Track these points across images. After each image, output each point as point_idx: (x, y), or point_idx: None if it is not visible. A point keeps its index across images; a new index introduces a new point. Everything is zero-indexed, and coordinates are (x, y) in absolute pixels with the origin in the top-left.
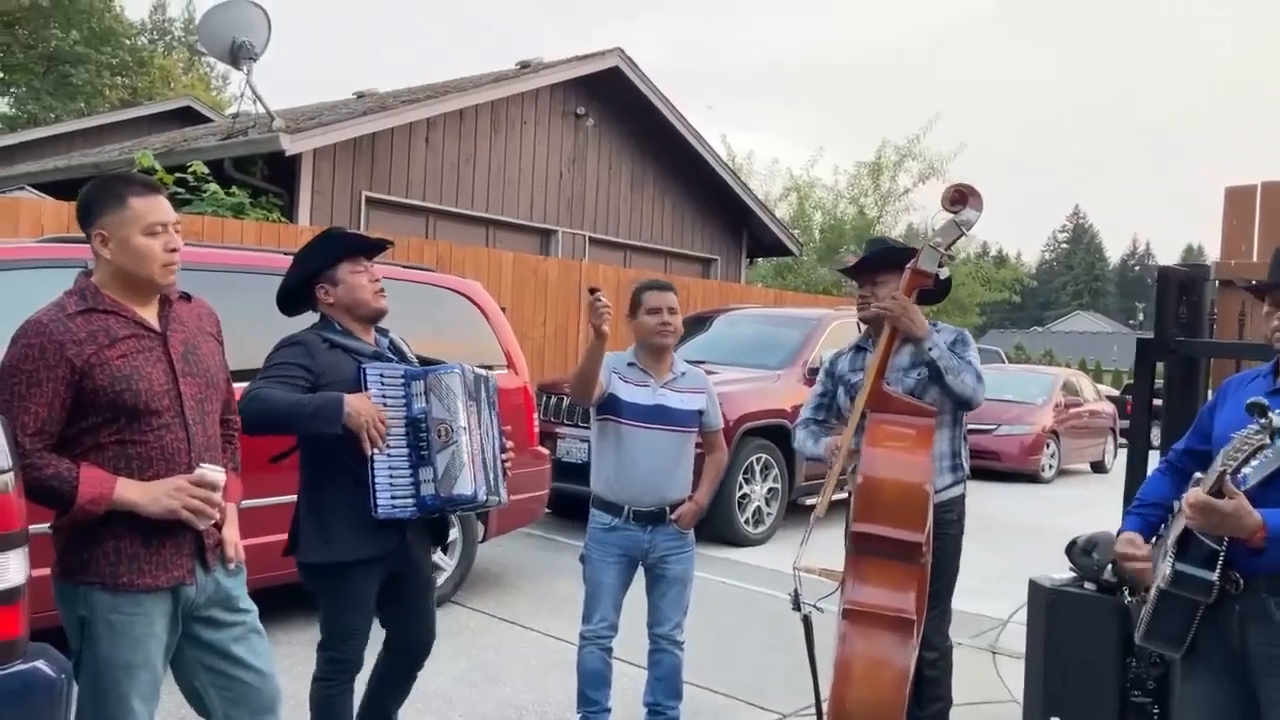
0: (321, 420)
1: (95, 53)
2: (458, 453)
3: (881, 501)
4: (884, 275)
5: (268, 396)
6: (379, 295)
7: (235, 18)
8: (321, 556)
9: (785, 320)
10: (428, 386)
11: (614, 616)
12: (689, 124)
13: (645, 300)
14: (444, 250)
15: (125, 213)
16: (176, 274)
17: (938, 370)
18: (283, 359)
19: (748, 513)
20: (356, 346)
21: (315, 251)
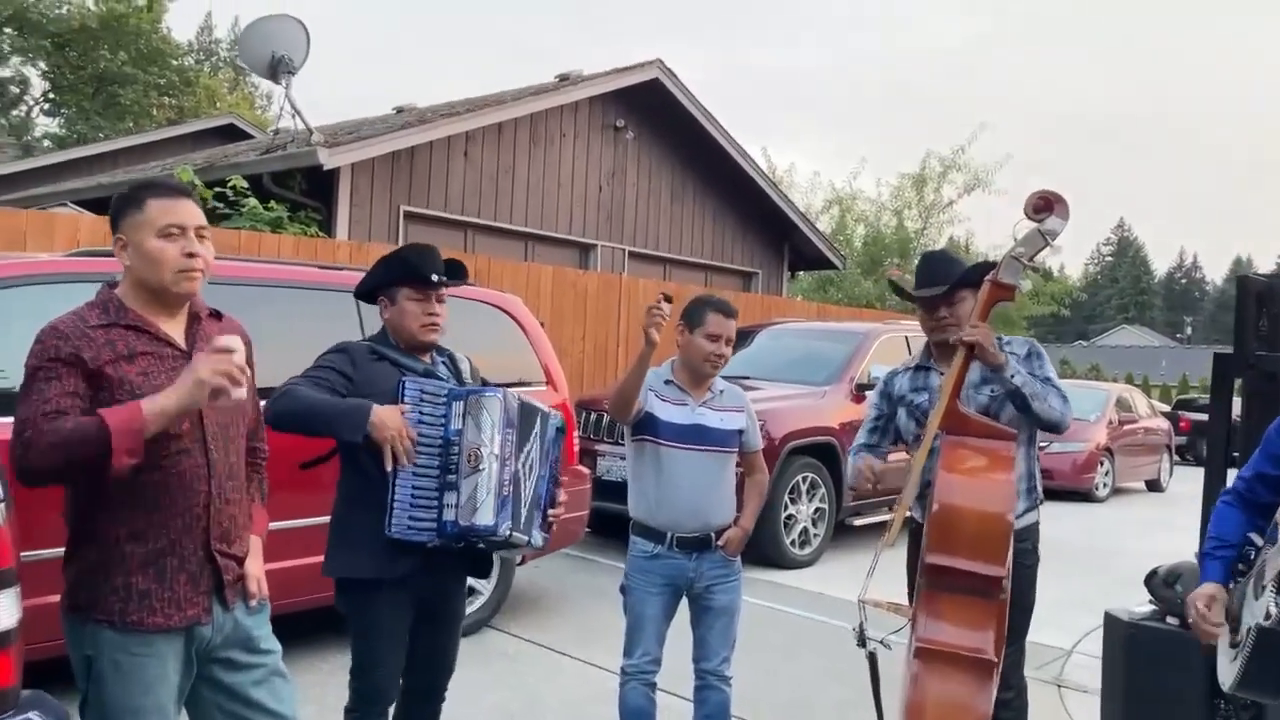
0: (345, 425)
1: (143, 73)
2: (483, 480)
3: (960, 532)
4: (964, 292)
5: (297, 393)
6: (427, 329)
7: (275, 33)
8: (339, 571)
9: (831, 335)
10: (467, 408)
11: (657, 650)
12: (729, 136)
13: (708, 322)
14: (482, 264)
15: (141, 215)
16: (198, 283)
17: (1022, 398)
18: (325, 362)
19: (793, 534)
20: (405, 362)
21: (384, 266)
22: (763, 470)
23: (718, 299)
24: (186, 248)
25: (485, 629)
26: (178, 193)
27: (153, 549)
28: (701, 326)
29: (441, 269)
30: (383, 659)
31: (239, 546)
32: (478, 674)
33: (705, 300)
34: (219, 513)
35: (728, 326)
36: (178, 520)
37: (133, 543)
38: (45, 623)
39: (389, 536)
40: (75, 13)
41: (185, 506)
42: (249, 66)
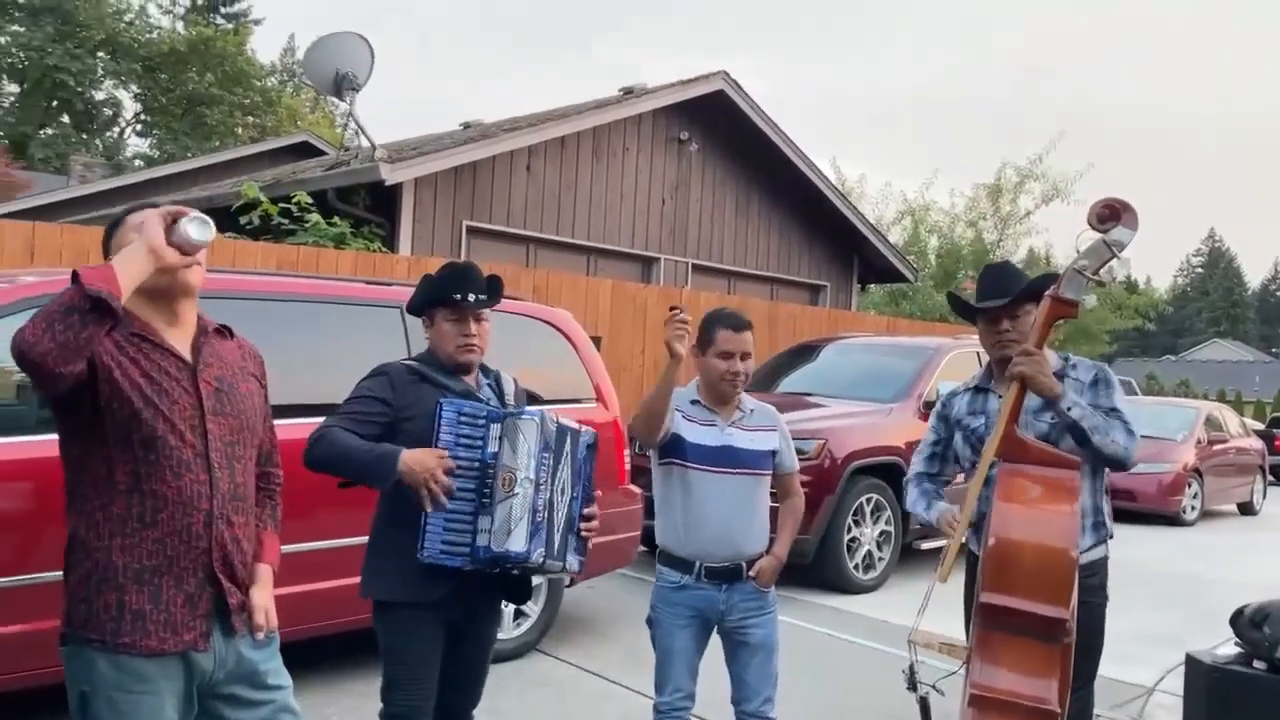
0: (375, 474)
1: (228, 94)
2: (517, 505)
3: (1018, 569)
4: (1026, 306)
5: (332, 439)
6: (463, 350)
7: (339, 49)
8: (374, 593)
9: (899, 350)
10: (504, 431)
11: (690, 685)
12: (796, 147)
13: (718, 340)
14: (540, 278)
15: (122, 228)
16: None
17: (1081, 432)
18: (363, 391)
19: (857, 557)
20: (446, 383)
21: (423, 286)
22: (798, 494)
23: (727, 313)
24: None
25: (533, 652)
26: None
27: (148, 566)
28: (713, 345)
29: (480, 288)
30: (414, 680)
31: (244, 572)
32: (520, 700)
33: (714, 317)
34: (221, 534)
35: (740, 341)
36: (175, 538)
37: (127, 559)
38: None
39: (420, 560)
40: (165, 37)
41: (184, 524)
42: (314, 83)
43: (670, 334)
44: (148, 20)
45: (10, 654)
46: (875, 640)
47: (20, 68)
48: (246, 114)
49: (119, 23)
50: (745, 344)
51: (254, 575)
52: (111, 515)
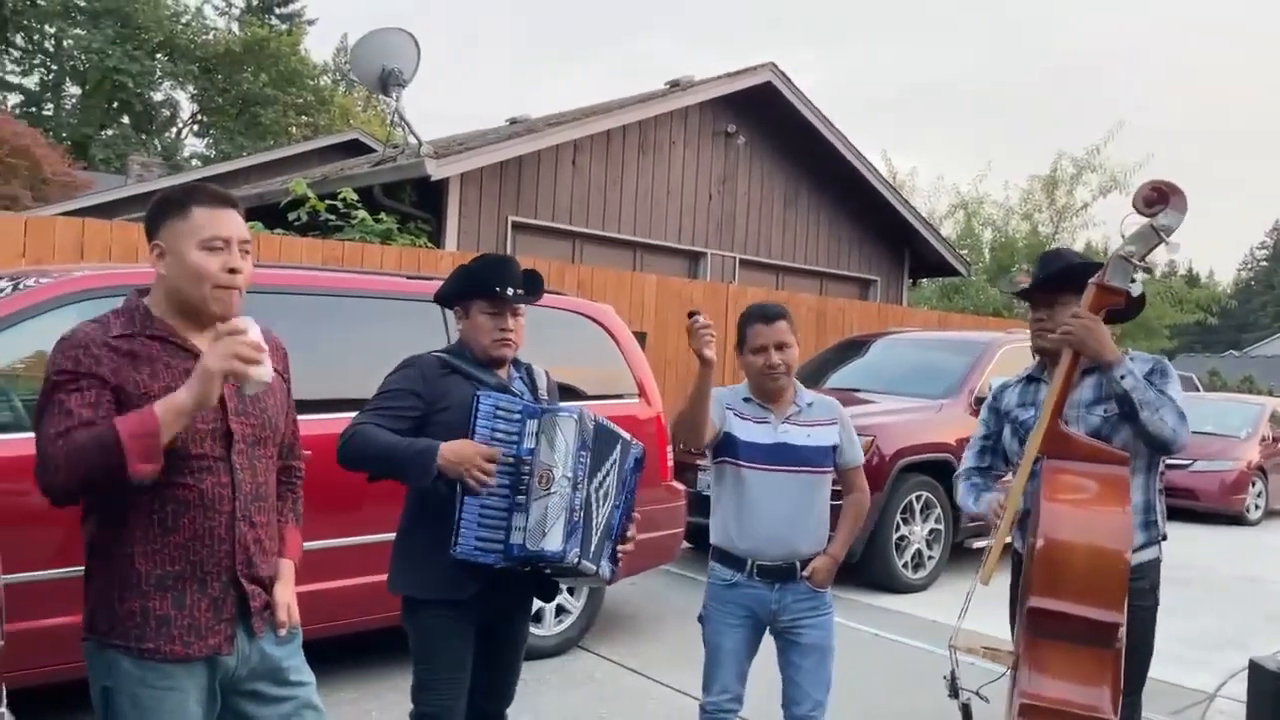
0: (413, 470)
1: (282, 94)
2: (554, 503)
3: (1069, 571)
4: (1065, 296)
5: (366, 436)
6: (499, 345)
7: (385, 46)
8: (403, 588)
9: (950, 344)
10: (541, 427)
11: (738, 687)
12: (845, 139)
13: (749, 337)
14: (585, 274)
15: (184, 223)
16: (237, 304)
17: (1131, 404)
18: (394, 385)
19: (906, 556)
20: (479, 375)
21: (459, 276)
22: (862, 489)
23: (756, 307)
24: (229, 263)
25: (574, 649)
26: (223, 202)
27: (171, 572)
28: (747, 342)
29: (519, 282)
30: (444, 680)
31: (266, 571)
32: (561, 698)
33: (745, 315)
34: (244, 535)
35: (771, 333)
36: (198, 542)
37: (149, 565)
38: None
39: (454, 556)
40: (221, 38)
41: (207, 528)
42: (360, 79)
43: (696, 341)
44: (204, 21)
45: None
46: (924, 641)
47: (82, 70)
48: (300, 113)
49: (176, 24)
50: (778, 334)
51: (276, 571)
52: (132, 521)
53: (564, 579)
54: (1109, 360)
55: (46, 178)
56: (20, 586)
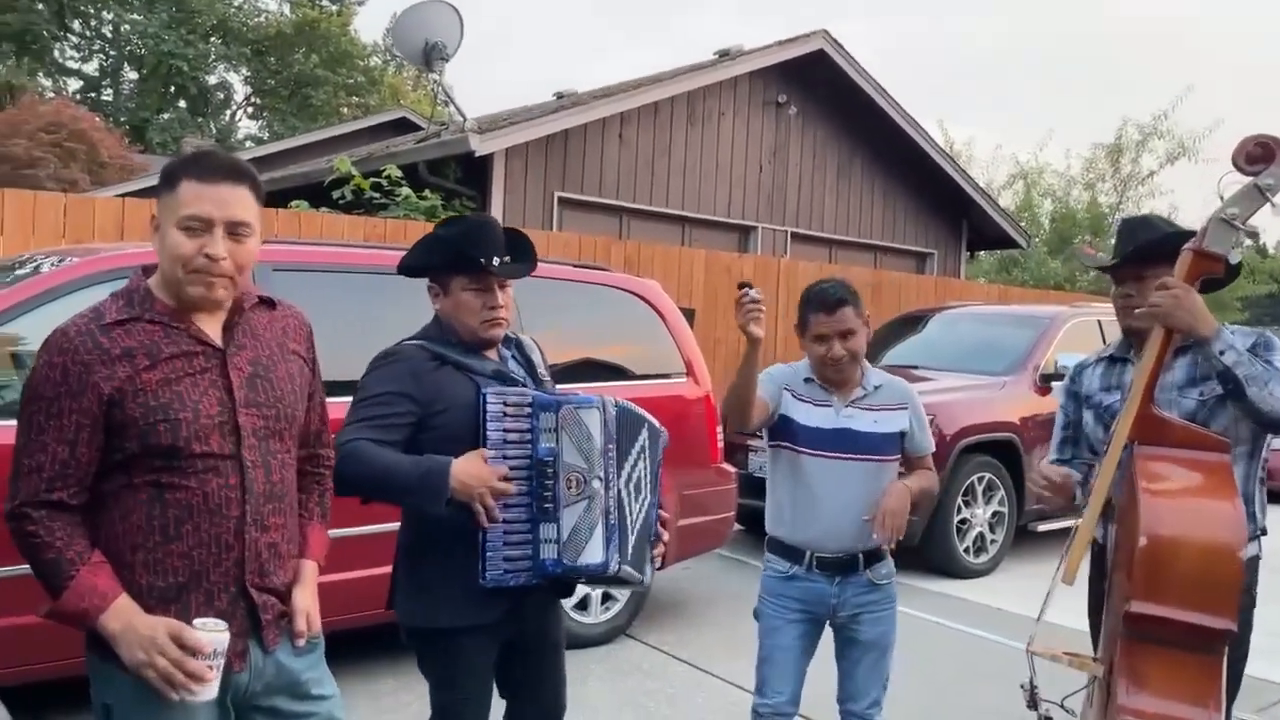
0: (424, 496)
1: (332, 74)
2: (589, 510)
3: (1175, 572)
4: (1156, 268)
5: (363, 456)
6: (490, 325)
7: (428, 20)
8: (418, 620)
9: (1013, 319)
10: (559, 422)
11: (793, 687)
12: (901, 108)
13: (810, 324)
14: (631, 250)
15: (171, 197)
16: (221, 291)
17: (1235, 381)
18: (381, 386)
19: (968, 540)
20: (471, 364)
21: (430, 247)
22: (932, 469)
23: (817, 292)
24: (205, 247)
25: (622, 637)
26: (223, 176)
27: (174, 583)
28: (807, 330)
29: (503, 249)
30: (466, 708)
31: (283, 579)
32: (607, 687)
33: (805, 298)
34: (255, 541)
35: (835, 322)
36: (202, 550)
37: (150, 576)
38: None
39: (483, 585)
40: (272, 20)
41: (213, 534)
42: (402, 54)
43: (743, 317)
44: (256, 4)
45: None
46: (986, 629)
47: (139, 55)
48: (350, 94)
49: (229, 7)
50: (842, 323)
51: (296, 574)
52: (131, 528)
53: (597, 586)
54: (1204, 335)
55: (104, 161)
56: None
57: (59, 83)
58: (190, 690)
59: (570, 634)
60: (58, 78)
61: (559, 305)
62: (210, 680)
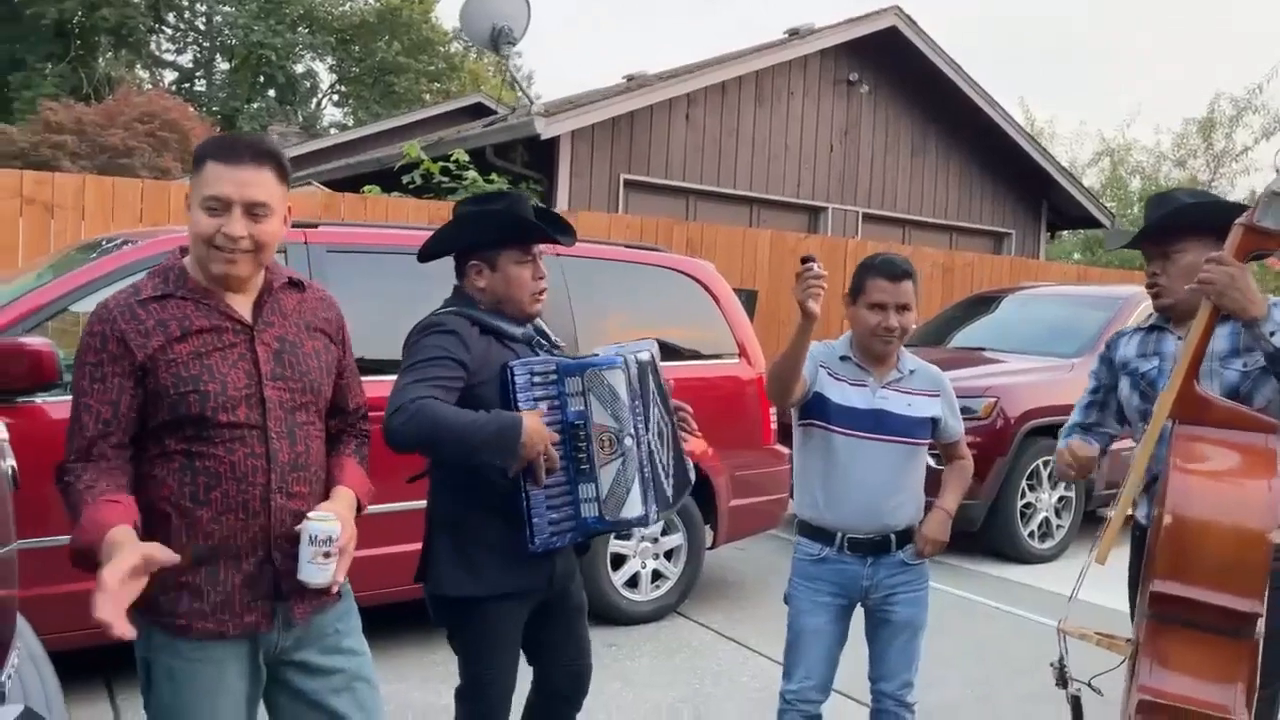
0: (496, 451)
1: (414, 61)
2: (625, 467)
3: (1201, 553)
4: (1182, 243)
5: (433, 414)
6: (537, 298)
7: (495, 4)
8: (463, 590)
9: (1085, 300)
10: (586, 384)
11: (823, 673)
12: (976, 84)
13: (869, 289)
14: (694, 231)
15: (198, 177)
16: (242, 268)
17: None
18: (440, 352)
19: (1032, 525)
20: (507, 329)
21: (478, 223)
22: (967, 457)
23: (883, 259)
24: (224, 226)
25: (672, 615)
26: (245, 158)
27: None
28: (864, 294)
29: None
30: (497, 676)
31: None
32: (653, 664)
33: (867, 263)
34: (281, 508)
35: (897, 292)
36: (230, 515)
37: (179, 538)
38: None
39: (533, 550)
40: (356, 9)
41: (240, 500)
42: (470, 38)
43: (802, 291)
44: None
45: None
46: (1049, 616)
47: (230, 45)
48: (432, 80)
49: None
50: (902, 295)
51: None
52: (165, 494)
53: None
54: (1255, 315)
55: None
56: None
57: (155, 74)
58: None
59: (620, 611)
60: (154, 70)
61: (611, 286)
62: (326, 566)
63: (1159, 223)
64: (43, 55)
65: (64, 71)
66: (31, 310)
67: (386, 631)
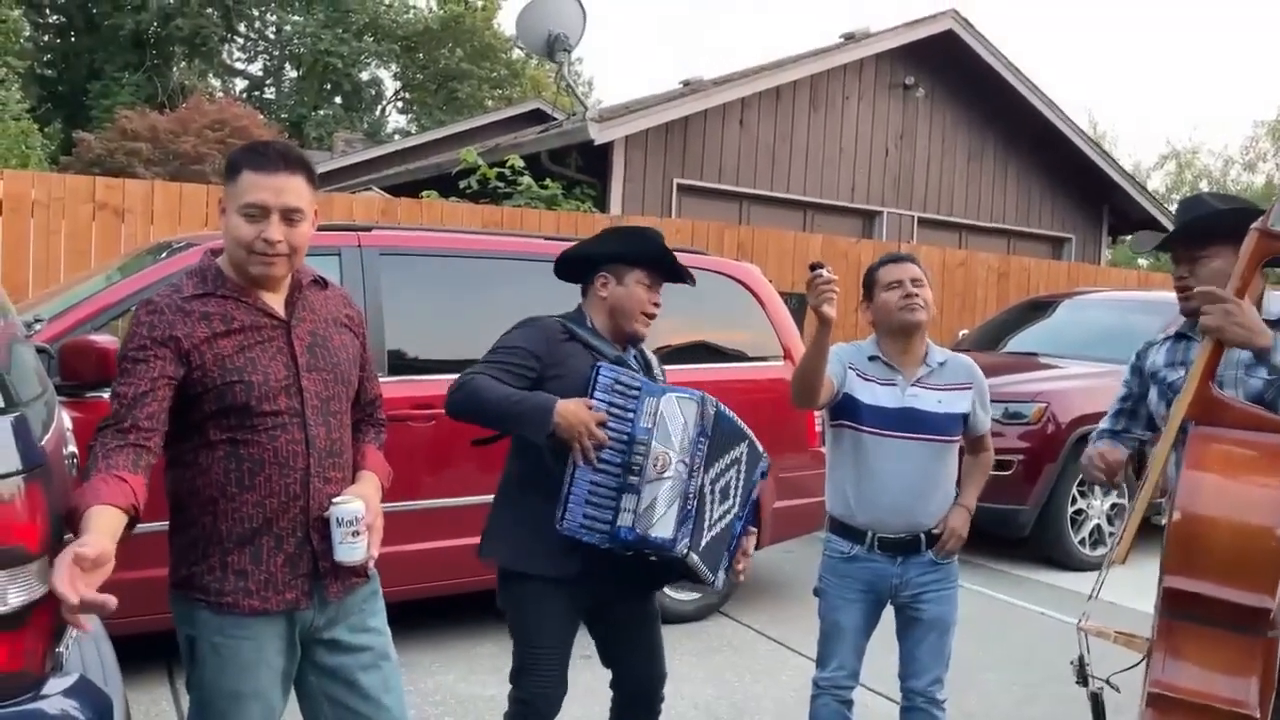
0: (527, 424)
1: (476, 68)
2: (669, 490)
3: (1210, 549)
4: (1212, 248)
5: (478, 386)
6: (647, 321)
7: (551, 11)
8: (499, 557)
9: (1142, 305)
10: (660, 407)
11: (854, 663)
12: (1035, 87)
13: (880, 276)
14: (745, 235)
15: (234, 185)
16: (278, 269)
17: None
18: (513, 342)
19: (1083, 532)
20: (599, 346)
21: (624, 239)
22: (988, 449)
23: (881, 256)
24: (263, 232)
25: (715, 615)
26: (278, 166)
27: (248, 528)
28: (877, 284)
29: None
30: (538, 662)
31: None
32: (695, 663)
33: (870, 266)
34: (319, 492)
35: (907, 269)
36: (273, 499)
37: (227, 521)
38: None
39: (559, 529)
40: (420, 16)
41: (282, 484)
42: (526, 45)
43: (815, 297)
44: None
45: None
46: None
47: (298, 54)
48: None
49: (380, 5)
50: (910, 272)
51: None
52: (211, 481)
53: (673, 578)
54: (1262, 346)
55: None
56: None
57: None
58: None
59: (664, 611)
60: (225, 78)
61: None
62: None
63: (1186, 228)
64: (120, 65)
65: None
66: (101, 309)
67: (434, 623)
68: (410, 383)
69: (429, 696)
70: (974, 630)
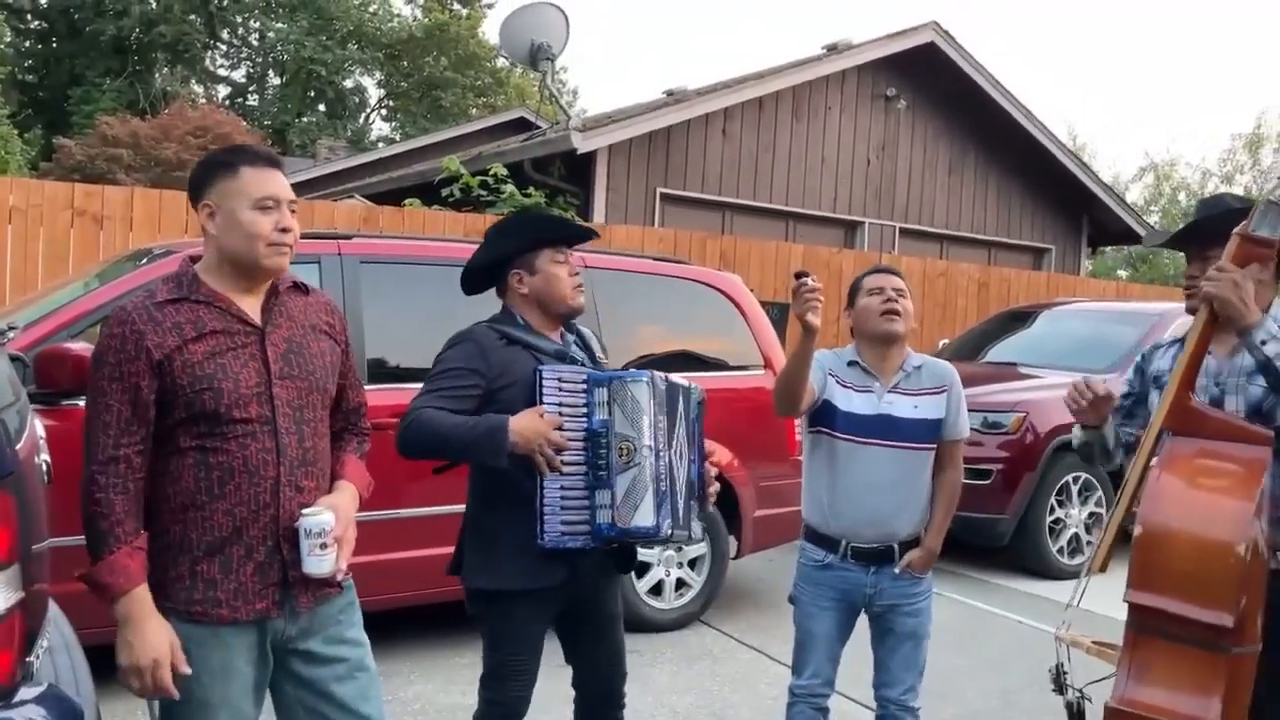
0: (483, 451)
1: (460, 76)
2: (640, 476)
3: (1168, 563)
4: (1220, 248)
5: (425, 420)
6: (578, 291)
7: (534, 20)
8: (482, 582)
9: (1120, 316)
10: (611, 395)
11: (829, 670)
12: (1015, 99)
13: (864, 284)
14: (728, 244)
15: (235, 183)
16: (289, 259)
17: (1275, 374)
18: (450, 363)
19: (1061, 540)
20: (538, 343)
21: (514, 233)
22: (957, 468)
23: (871, 269)
24: (281, 221)
25: (695, 623)
26: (269, 162)
27: (218, 537)
28: (860, 291)
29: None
30: (515, 669)
31: None
32: (674, 671)
33: (859, 275)
34: (289, 501)
35: (885, 279)
36: (243, 507)
37: (197, 529)
38: None
39: (542, 547)
40: (404, 25)
41: (251, 493)
42: (509, 54)
43: (800, 305)
44: (389, 8)
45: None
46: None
47: (282, 61)
48: (478, 95)
49: (364, 13)
50: (892, 281)
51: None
52: (181, 489)
53: (653, 546)
54: (1249, 323)
55: None
56: None
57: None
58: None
59: (644, 619)
60: (208, 85)
61: (638, 299)
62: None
63: (1197, 225)
64: (102, 71)
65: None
66: (77, 317)
67: (415, 633)
68: (390, 391)
69: (408, 706)
70: (952, 638)
